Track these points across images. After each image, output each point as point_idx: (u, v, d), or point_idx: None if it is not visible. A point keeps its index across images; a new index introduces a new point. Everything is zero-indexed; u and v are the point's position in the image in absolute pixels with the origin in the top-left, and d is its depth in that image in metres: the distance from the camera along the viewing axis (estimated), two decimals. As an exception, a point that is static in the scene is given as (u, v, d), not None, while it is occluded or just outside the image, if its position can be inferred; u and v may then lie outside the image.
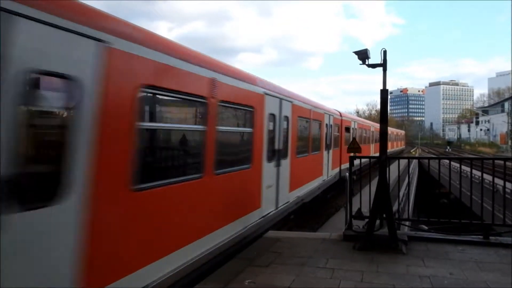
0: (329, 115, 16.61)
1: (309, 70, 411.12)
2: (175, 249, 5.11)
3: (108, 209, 4.01)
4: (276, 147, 9.29)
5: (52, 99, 3.71)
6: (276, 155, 9.23)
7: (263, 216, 8.37)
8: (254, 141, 7.93)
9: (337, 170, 18.12)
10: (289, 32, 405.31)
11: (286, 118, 10.07)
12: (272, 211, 8.96)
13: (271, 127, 8.91)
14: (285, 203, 9.97)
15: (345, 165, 16.82)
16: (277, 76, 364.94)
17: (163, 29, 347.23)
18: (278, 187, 9.36)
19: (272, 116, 8.99)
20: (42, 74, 3.37)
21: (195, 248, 5.57)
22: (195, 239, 5.60)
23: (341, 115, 19.90)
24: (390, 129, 39.76)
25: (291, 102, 10.44)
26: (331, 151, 16.66)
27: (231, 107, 7.04)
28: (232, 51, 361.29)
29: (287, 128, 10.20)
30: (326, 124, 15.70)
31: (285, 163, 9.96)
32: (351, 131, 22.26)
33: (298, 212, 12.16)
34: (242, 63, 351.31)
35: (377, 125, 32.53)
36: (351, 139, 17.14)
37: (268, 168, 8.67)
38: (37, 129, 3.57)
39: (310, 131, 12.94)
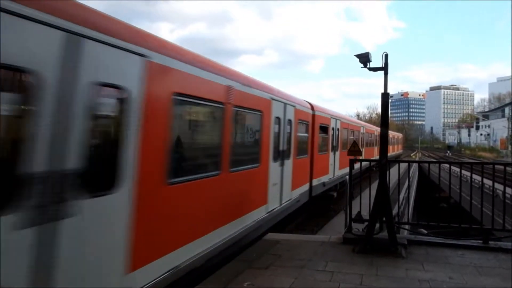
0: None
1: (311, 73, 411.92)
2: (202, 235, 5.89)
3: (150, 199, 4.72)
4: (281, 148, 9.90)
5: (110, 106, 4.31)
6: (280, 155, 9.86)
7: (268, 212, 9.01)
8: (262, 142, 8.66)
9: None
10: (290, 34, 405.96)
11: (290, 121, 10.80)
12: (276, 207, 9.60)
13: (276, 130, 9.56)
14: (288, 201, 10.57)
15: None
16: (279, 78, 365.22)
17: (165, 30, 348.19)
18: (282, 185, 9.97)
19: (278, 119, 9.64)
20: (102, 86, 3.96)
21: (214, 237, 6.27)
22: (213, 229, 6.28)
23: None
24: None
25: (294, 106, 11.10)
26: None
27: (243, 112, 7.71)
28: (234, 52, 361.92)
29: (291, 131, 10.86)
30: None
31: (288, 163, 10.55)
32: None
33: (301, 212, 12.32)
34: (244, 65, 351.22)
35: (369, 126, 31.50)
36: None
37: (273, 167, 9.35)
38: (101, 132, 4.26)
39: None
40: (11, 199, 3.12)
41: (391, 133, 39.37)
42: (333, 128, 17.04)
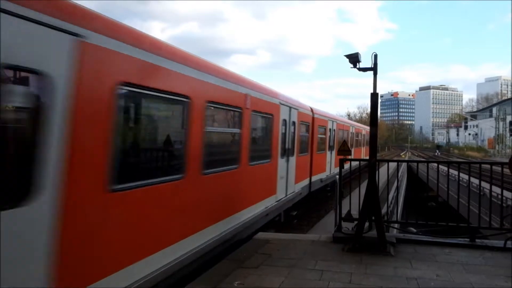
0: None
1: (303, 73, 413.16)
2: (233, 214, 7.47)
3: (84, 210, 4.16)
4: (286, 146, 11.20)
5: (24, 95, 3.75)
6: (286, 152, 11.19)
7: (277, 201, 10.39)
8: (273, 141, 9.97)
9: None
10: (283, 35, 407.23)
11: (294, 123, 12.14)
12: (283, 197, 10.98)
13: (283, 130, 10.86)
14: (292, 192, 11.94)
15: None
16: (270, 79, 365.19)
17: (156, 30, 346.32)
18: (287, 178, 11.34)
19: (284, 121, 10.96)
20: (12, 69, 3.57)
21: (240, 216, 7.83)
22: (236, 211, 7.68)
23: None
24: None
25: (297, 109, 12.44)
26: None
27: (258, 115, 8.97)
28: (225, 52, 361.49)
29: (294, 131, 12.17)
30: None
31: (292, 160, 11.91)
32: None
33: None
34: (235, 65, 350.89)
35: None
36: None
37: (281, 163, 10.68)
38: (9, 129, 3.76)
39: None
40: None
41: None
42: (330, 129, 18.23)
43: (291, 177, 11.76)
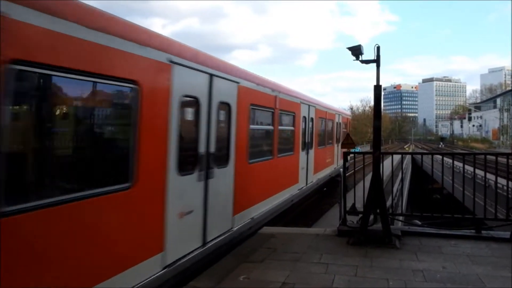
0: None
1: (303, 67, 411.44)
2: (268, 197, 9.04)
3: (240, 171, 7.31)
4: (306, 140, 12.58)
5: (225, 114, 6.89)
6: (306, 146, 12.53)
7: (299, 189, 11.83)
8: (295, 136, 11.35)
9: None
10: (283, 29, 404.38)
11: (312, 119, 13.49)
12: (303, 186, 12.38)
13: (303, 126, 12.18)
14: (311, 182, 13.32)
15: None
16: (271, 73, 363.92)
17: (157, 26, 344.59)
18: (307, 169, 12.70)
19: (304, 118, 12.32)
20: (222, 103, 6.61)
21: (274, 199, 9.47)
22: (272, 194, 9.39)
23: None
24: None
25: (314, 107, 13.77)
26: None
27: (284, 114, 10.43)
28: (226, 48, 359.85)
29: (312, 126, 13.50)
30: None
31: (311, 152, 13.30)
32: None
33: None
34: (237, 60, 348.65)
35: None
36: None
37: (302, 155, 12.07)
38: (220, 129, 6.62)
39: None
40: None
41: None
42: (337, 123, 18.60)
43: (310, 168, 13.13)
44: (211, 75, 6.14)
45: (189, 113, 5.82)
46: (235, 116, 7.06)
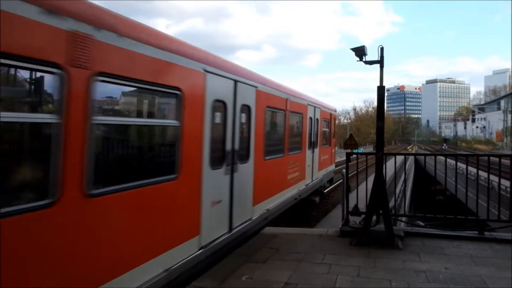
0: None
1: (307, 68, 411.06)
2: (280, 191, 9.76)
3: (258, 166, 8.00)
4: (312, 139, 13.18)
5: (246, 116, 7.55)
6: (311, 145, 13.16)
7: (306, 185, 12.46)
8: (303, 135, 12.02)
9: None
10: (287, 29, 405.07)
11: (317, 120, 14.16)
12: (309, 182, 13.04)
13: (309, 126, 12.82)
14: (316, 179, 13.98)
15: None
16: (275, 74, 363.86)
17: (161, 26, 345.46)
18: (313, 167, 13.36)
19: (310, 118, 13.01)
20: (244, 106, 7.29)
21: (285, 193, 10.26)
22: (284, 189, 10.13)
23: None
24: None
25: (320, 108, 14.54)
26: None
27: (293, 115, 11.02)
28: (230, 48, 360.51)
29: (317, 127, 14.11)
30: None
31: (316, 151, 13.89)
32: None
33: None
34: (240, 60, 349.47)
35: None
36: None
37: (308, 153, 12.72)
38: (242, 129, 7.32)
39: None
40: None
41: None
42: (331, 122, 18.95)
43: (315, 166, 13.86)
44: (236, 81, 6.90)
45: (218, 115, 6.44)
46: (254, 117, 7.80)
